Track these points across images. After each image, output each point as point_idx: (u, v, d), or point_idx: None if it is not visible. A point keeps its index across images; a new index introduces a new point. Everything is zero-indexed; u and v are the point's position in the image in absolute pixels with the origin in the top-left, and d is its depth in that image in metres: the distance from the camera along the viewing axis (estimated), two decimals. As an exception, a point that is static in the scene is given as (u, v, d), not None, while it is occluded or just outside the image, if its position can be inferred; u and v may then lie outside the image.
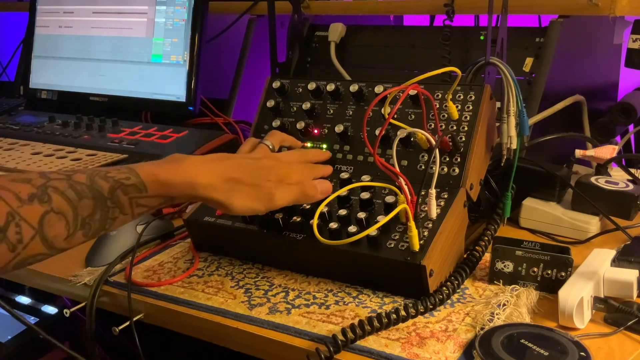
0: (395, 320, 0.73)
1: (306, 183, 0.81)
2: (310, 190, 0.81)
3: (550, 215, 0.97)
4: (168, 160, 0.75)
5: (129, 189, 0.70)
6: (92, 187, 0.68)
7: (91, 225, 0.68)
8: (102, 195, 0.68)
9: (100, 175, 0.69)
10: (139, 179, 0.71)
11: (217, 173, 0.75)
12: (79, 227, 0.67)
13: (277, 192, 0.78)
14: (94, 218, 0.68)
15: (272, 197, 0.77)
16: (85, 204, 0.67)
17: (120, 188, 0.69)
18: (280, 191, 0.78)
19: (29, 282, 0.98)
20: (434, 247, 0.77)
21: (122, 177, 0.70)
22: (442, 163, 0.85)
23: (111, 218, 0.70)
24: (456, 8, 1.13)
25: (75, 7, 1.50)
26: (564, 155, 1.08)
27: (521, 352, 0.65)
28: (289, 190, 0.79)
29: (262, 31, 1.39)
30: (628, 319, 0.72)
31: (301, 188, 0.80)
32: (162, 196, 0.73)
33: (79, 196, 0.67)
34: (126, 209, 0.70)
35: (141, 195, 0.71)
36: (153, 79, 1.36)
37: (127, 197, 0.70)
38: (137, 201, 0.71)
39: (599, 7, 1.05)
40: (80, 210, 0.67)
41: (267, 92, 1.01)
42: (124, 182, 0.70)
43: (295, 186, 0.80)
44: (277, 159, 0.83)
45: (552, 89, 1.10)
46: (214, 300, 0.81)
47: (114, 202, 0.69)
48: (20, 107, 1.56)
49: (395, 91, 0.84)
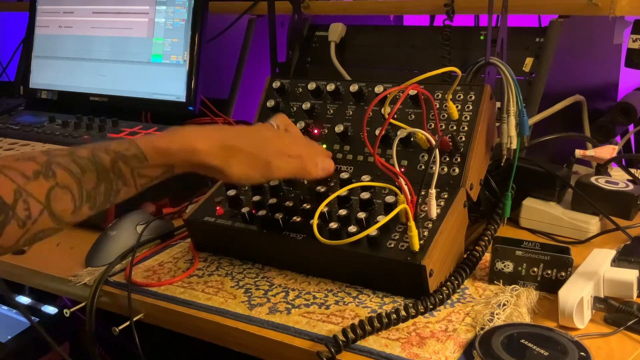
0: (395, 320, 0.73)
1: (307, 158, 0.81)
2: (311, 166, 0.81)
3: (550, 215, 0.97)
4: (168, 131, 0.77)
5: (129, 159, 0.71)
6: (94, 160, 0.70)
7: (96, 198, 0.70)
8: (105, 168, 0.70)
9: (101, 148, 0.71)
10: (138, 149, 0.72)
11: (216, 140, 0.76)
12: (84, 201, 0.69)
13: (275, 162, 0.78)
14: (99, 191, 0.70)
15: (270, 167, 0.77)
16: (88, 177, 0.69)
17: (121, 159, 0.71)
18: (279, 161, 0.78)
19: (29, 282, 0.98)
20: (434, 247, 0.77)
21: (123, 148, 0.72)
22: (442, 163, 0.85)
23: (115, 190, 0.71)
24: (456, 8, 1.13)
25: (76, 7, 1.50)
26: (564, 155, 1.08)
27: (521, 352, 0.65)
28: (288, 162, 0.79)
29: (262, 31, 1.39)
30: (628, 319, 0.72)
31: (302, 162, 0.80)
32: (163, 165, 0.74)
33: (82, 170, 0.68)
34: (129, 180, 0.72)
35: (142, 165, 0.72)
36: (153, 79, 1.36)
37: (128, 168, 0.71)
38: (139, 171, 0.72)
39: (599, 7, 1.05)
40: (85, 184, 0.68)
41: (267, 92, 1.01)
42: (124, 153, 0.71)
43: (295, 159, 0.80)
44: (279, 132, 0.83)
45: (552, 89, 1.10)
46: (214, 300, 0.81)
47: (116, 174, 0.71)
48: (20, 107, 1.56)
49: (395, 91, 0.84)
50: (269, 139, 0.79)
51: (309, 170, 0.81)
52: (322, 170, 0.82)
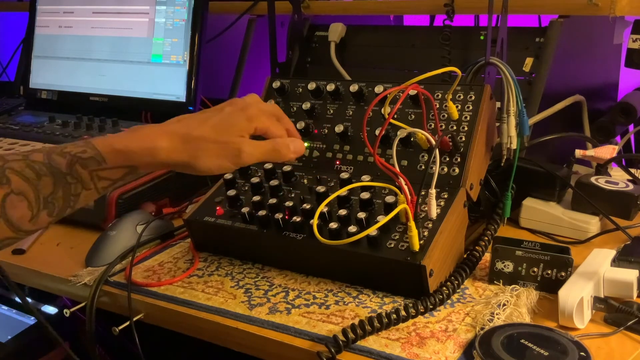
0: (395, 320, 0.73)
1: (278, 140, 0.76)
2: (282, 147, 0.76)
3: (550, 215, 0.97)
4: (127, 130, 0.73)
5: (87, 162, 0.68)
6: (50, 164, 0.67)
7: (54, 204, 0.67)
8: (61, 172, 0.67)
9: (57, 151, 0.68)
10: (95, 151, 0.69)
11: (178, 134, 0.72)
12: (42, 207, 0.66)
13: (245, 148, 0.73)
14: (56, 196, 0.67)
15: (240, 154, 0.72)
16: (45, 182, 0.66)
17: (78, 162, 0.68)
18: (248, 147, 0.73)
19: (29, 282, 0.98)
20: (434, 247, 0.77)
21: (79, 150, 0.69)
22: (442, 163, 0.85)
23: (74, 194, 0.68)
24: (456, 8, 1.13)
25: (75, 7, 1.50)
26: (564, 155, 1.08)
27: (521, 352, 0.65)
28: (258, 147, 0.74)
29: (262, 31, 1.39)
30: (628, 319, 0.72)
31: (272, 145, 0.75)
32: (124, 167, 0.70)
33: (37, 175, 0.66)
34: (88, 183, 0.69)
35: (101, 167, 0.69)
36: (153, 79, 1.36)
37: (86, 171, 0.68)
38: (98, 174, 0.69)
39: (599, 7, 1.05)
40: (41, 189, 0.66)
41: (267, 92, 1.01)
42: (80, 155, 0.68)
43: (265, 143, 0.75)
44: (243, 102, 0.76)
45: (552, 89, 1.10)
46: (214, 300, 0.81)
47: (74, 178, 0.68)
48: (20, 107, 1.56)
49: (395, 91, 0.84)
50: (234, 122, 0.74)
51: (282, 153, 0.76)
52: (293, 152, 0.77)
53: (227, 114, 0.74)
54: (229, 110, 0.75)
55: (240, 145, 0.73)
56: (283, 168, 0.92)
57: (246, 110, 0.75)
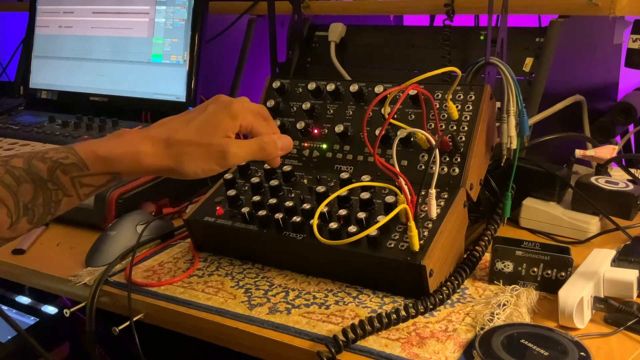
0: (395, 320, 0.73)
1: (264, 137, 0.74)
2: (269, 145, 0.74)
3: (550, 215, 0.97)
4: (109, 136, 0.71)
5: (68, 168, 0.67)
6: (30, 170, 0.65)
7: (34, 211, 0.65)
8: (42, 178, 0.65)
9: (38, 157, 0.67)
10: (77, 157, 0.67)
11: (160, 139, 0.70)
12: (21, 214, 0.64)
13: (230, 149, 0.70)
14: (37, 203, 0.65)
15: (226, 155, 0.70)
16: (25, 188, 0.64)
17: (59, 168, 0.66)
18: (234, 147, 0.71)
19: (29, 282, 0.98)
20: (434, 247, 0.77)
21: (60, 156, 0.67)
22: (442, 163, 0.85)
23: (55, 201, 0.67)
24: (456, 8, 1.13)
25: (75, 7, 1.50)
26: (564, 155, 1.08)
27: (521, 352, 0.65)
28: (244, 146, 0.72)
29: (262, 31, 1.39)
30: (628, 319, 0.72)
31: (259, 143, 0.73)
32: (106, 173, 0.69)
33: (17, 181, 0.64)
34: (69, 190, 0.67)
35: (83, 173, 0.67)
36: (153, 79, 1.36)
37: (68, 177, 0.66)
38: (80, 180, 0.67)
39: (599, 7, 1.05)
40: (21, 196, 0.64)
41: (267, 92, 1.01)
42: (62, 161, 0.66)
43: (251, 142, 0.73)
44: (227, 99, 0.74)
45: (552, 89, 1.10)
46: (214, 300, 0.81)
47: (55, 184, 0.66)
48: (20, 107, 1.56)
49: (395, 91, 0.84)
50: (217, 122, 0.71)
51: (268, 150, 0.74)
52: (281, 149, 0.75)
53: (210, 113, 0.72)
54: (212, 109, 0.73)
55: (225, 146, 0.71)
56: (283, 168, 0.92)
57: (229, 107, 0.73)
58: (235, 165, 0.73)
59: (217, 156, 0.71)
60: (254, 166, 0.96)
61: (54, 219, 1.06)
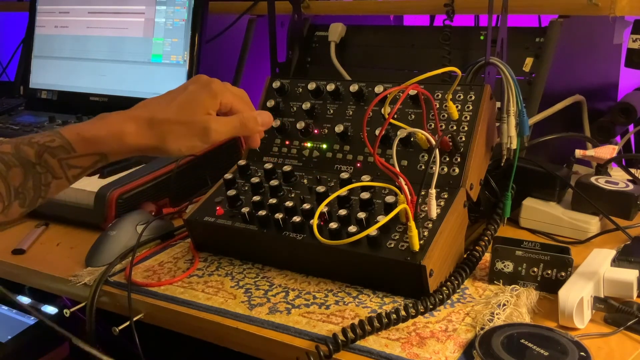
0: (395, 320, 0.73)
1: (245, 114, 0.76)
2: (250, 121, 0.76)
3: (550, 215, 0.97)
4: (93, 119, 0.73)
5: (55, 150, 0.69)
6: (19, 154, 0.67)
7: (25, 195, 0.67)
8: (30, 162, 0.67)
9: (25, 142, 0.69)
10: (64, 140, 0.70)
11: (143, 118, 0.72)
12: (13, 198, 0.66)
13: (212, 125, 0.73)
14: (27, 186, 0.67)
15: (208, 132, 0.72)
16: (14, 173, 0.66)
17: (46, 151, 0.68)
18: (215, 124, 0.73)
19: (29, 282, 0.98)
20: (434, 247, 0.77)
21: (47, 140, 0.69)
22: (442, 163, 0.85)
23: (45, 184, 0.69)
24: (456, 8, 1.13)
25: (71, 7, 1.50)
26: (564, 155, 1.08)
27: (521, 352, 0.65)
28: (225, 123, 0.74)
29: (262, 31, 1.39)
30: (628, 319, 0.72)
31: (240, 119, 0.75)
32: (93, 154, 0.71)
33: (6, 166, 0.66)
34: (58, 172, 0.69)
35: (70, 155, 0.69)
36: (153, 79, 1.36)
37: (55, 160, 0.69)
38: (68, 162, 0.69)
39: (599, 7, 1.05)
40: (11, 180, 0.66)
41: (267, 92, 1.01)
42: (49, 144, 0.69)
43: (232, 118, 0.75)
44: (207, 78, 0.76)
45: (552, 89, 1.10)
46: (214, 300, 0.81)
47: (43, 167, 0.68)
48: (20, 107, 1.56)
49: (395, 91, 0.84)
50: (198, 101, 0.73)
51: (250, 127, 0.76)
52: (262, 124, 0.77)
53: (190, 92, 0.74)
54: (193, 89, 0.75)
55: (206, 123, 0.73)
56: (283, 168, 0.92)
57: (210, 86, 0.75)
58: (217, 142, 0.74)
59: (199, 133, 0.72)
60: (254, 166, 0.96)
61: (54, 219, 1.07)
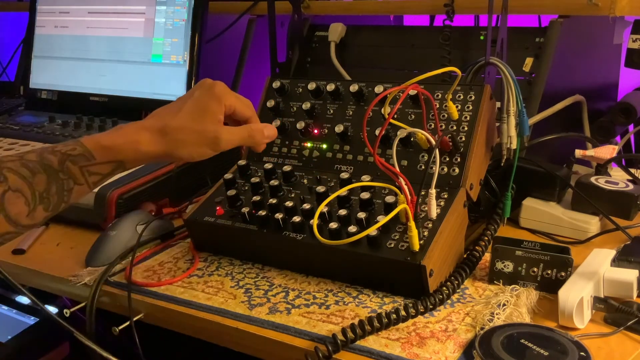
0: (395, 320, 0.73)
1: (253, 126, 0.81)
2: (257, 133, 0.81)
3: (550, 215, 0.97)
4: (113, 129, 0.78)
5: (77, 158, 0.73)
6: (43, 162, 0.71)
7: (49, 199, 0.71)
8: (53, 169, 0.72)
9: (49, 150, 0.73)
10: (84, 148, 0.74)
11: (156, 128, 0.76)
12: (38, 202, 0.70)
13: (222, 135, 0.77)
14: (51, 192, 0.71)
15: (218, 141, 0.77)
16: (39, 179, 0.70)
17: (69, 159, 0.73)
18: (226, 134, 0.78)
19: (29, 282, 0.98)
20: (434, 247, 0.77)
21: (69, 149, 0.74)
22: (442, 163, 0.85)
23: (67, 190, 0.73)
24: (456, 8, 1.13)
25: (71, 7, 1.50)
26: (564, 155, 1.08)
27: (521, 352, 0.65)
28: (234, 134, 0.79)
29: (262, 31, 1.39)
30: (628, 319, 0.72)
31: (248, 131, 0.81)
32: (111, 161, 0.75)
33: (32, 172, 0.70)
34: (79, 178, 0.73)
35: (90, 163, 0.74)
36: (153, 79, 1.36)
37: (77, 167, 0.73)
38: (88, 169, 0.74)
39: (599, 7, 1.05)
40: (36, 186, 0.70)
41: (267, 92, 1.01)
42: (71, 153, 0.73)
43: (241, 130, 0.80)
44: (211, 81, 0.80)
45: (552, 89, 1.10)
46: (214, 300, 0.81)
47: (65, 174, 0.72)
48: (20, 107, 1.56)
49: (395, 91, 0.84)
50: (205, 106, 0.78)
51: (256, 138, 0.81)
52: (267, 137, 0.82)
53: (196, 98, 0.79)
54: (198, 94, 0.79)
55: (217, 133, 0.77)
56: (283, 168, 0.92)
57: (213, 89, 0.79)
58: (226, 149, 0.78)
59: (211, 141, 0.77)
60: (254, 166, 0.97)
61: (54, 219, 1.07)
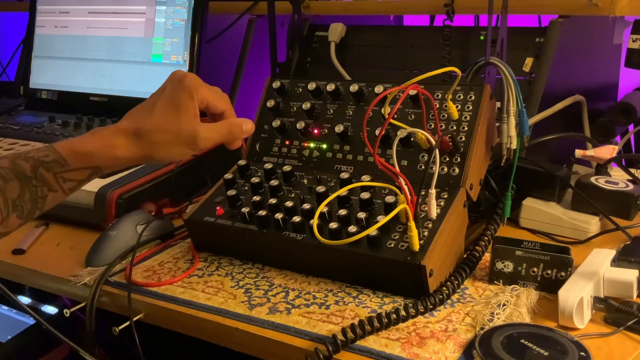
0: (395, 320, 0.73)
1: (231, 121, 0.79)
2: (236, 129, 0.78)
3: (550, 215, 0.97)
4: (86, 134, 0.76)
5: (50, 165, 0.71)
6: (15, 169, 0.70)
7: (23, 207, 0.70)
8: (26, 175, 0.70)
9: (21, 157, 0.72)
10: (57, 154, 0.72)
11: (130, 131, 0.74)
12: (11, 210, 0.69)
13: (200, 133, 0.75)
14: (24, 199, 0.70)
15: (196, 140, 0.75)
16: (11, 186, 0.69)
17: (41, 166, 0.71)
18: (204, 132, 0.75)
19: (29, 282, 0.98)
20: (434, 247, 0.77)
21: (42, 155, 0.72)
22: (442, 163, 0.85)
23: (41, 197, 0.71)
24: (456, 8, 1.13)
25: (71, 7, 1.50)
26: (564, 155, 1.08)
27: (521, 352, 0.65)
28: (213, 131, 0.76)
29: (262, 31, 1.39)
30: (628, 319, 0.72)
31: (227, 127, 0.78)
32: (87, 168, 0.73)
33: (4, 180, 0.69)
34: (53, 185, 0.72)
35: (64, 169, 0.72)
36: (153, 79, 1.36)
37: (50, 174, 0.71)
38: (62, 176, 0.72)
39: (599, 7, 1.05)
40: (9, 193, 0.69)
41: (267, 92, 1.01)
42: (43, 159, 0.72)
43: (220, 126, 0.78)
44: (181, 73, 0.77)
45: (552, 89, 1.10)
46: (214, 300, 0.81)
47: (39, 181, 0.71)
48: (20, 107, 1.56)
49: (395, 91, 0.84)
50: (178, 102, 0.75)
51: (236, 134, 0.79)
52: (245, 132, 0.80)
53: (168, 94, 0.76)
54: (170, 89, 0.76)
55: (194, 132, 0.74)
56: (283, 168, 0.92)
57: (183, 82, 0.76)
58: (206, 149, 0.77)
59: (188, 141, 0.75)
60: (254, 166, 0.96)
61: (54, 219, 1.07)
